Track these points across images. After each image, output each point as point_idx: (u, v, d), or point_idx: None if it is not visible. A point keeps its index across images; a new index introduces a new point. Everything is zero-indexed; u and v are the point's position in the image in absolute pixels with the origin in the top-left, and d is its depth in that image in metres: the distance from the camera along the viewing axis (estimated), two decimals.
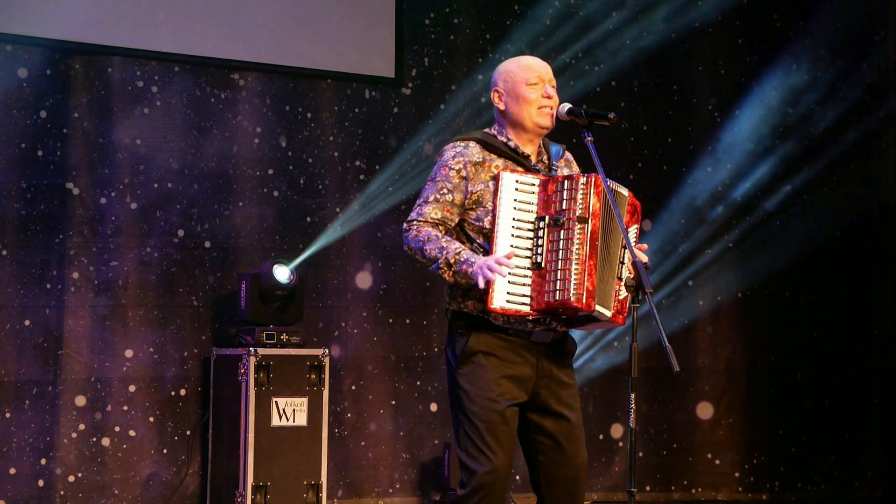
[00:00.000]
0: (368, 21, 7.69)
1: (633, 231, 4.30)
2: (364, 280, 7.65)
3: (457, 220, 4.18)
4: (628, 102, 8.30)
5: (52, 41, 6.82)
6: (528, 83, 4.25)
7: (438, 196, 4.16)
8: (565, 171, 4.29)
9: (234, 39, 7.32)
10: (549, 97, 4.26)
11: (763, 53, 8.56)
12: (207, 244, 7.26)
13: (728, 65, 8.52)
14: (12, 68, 6.80)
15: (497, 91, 4.30)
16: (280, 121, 7.48)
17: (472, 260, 4.03)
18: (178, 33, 7.15)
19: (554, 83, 4.31)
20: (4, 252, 6.76)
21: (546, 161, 4.33)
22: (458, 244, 4.11)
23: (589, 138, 4.23)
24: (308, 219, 7.52)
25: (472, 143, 4.22)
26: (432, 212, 4.16)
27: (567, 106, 4.26)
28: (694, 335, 8.35)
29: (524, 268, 4.06)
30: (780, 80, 8.55)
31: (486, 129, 4.32)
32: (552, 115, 4.26)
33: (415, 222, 4.16)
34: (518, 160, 4.24)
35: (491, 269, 3.98)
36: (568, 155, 4.41)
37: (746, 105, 8.51)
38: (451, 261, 4.06)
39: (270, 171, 7.44)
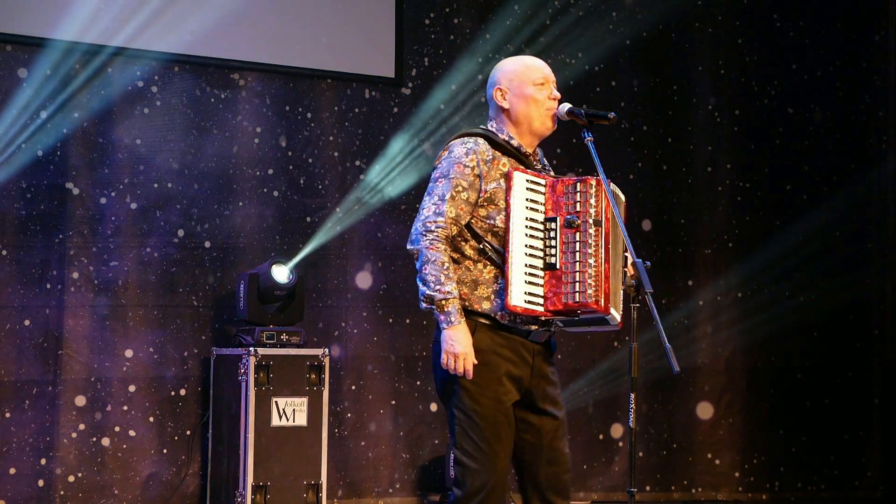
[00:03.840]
0: (368, 21, 7.69)
1: None
2: (364, 280, 7.65)
3: (468, 219, 4.11)
4: (628, 102, 8.30)
5: (52, 41, 6.82)
6: (535, 83, 4.22)
7: (454, 193, 4.08)
8: (552, 173, 4.28)
9: (234, 39, 7.32)
10: (554, 98, 4.25)
11: (763, 53, 8.56)
12: (207, 244, 7.26)
13: (728, 65, 8.52)
14: (12, 68, 6.80)
15: (500, 89, 4.24)
16: (280, 121, 7.48)
17: (455, 322, 4.01)
18: (178, 33, 7.15)
19: (555, 84, 4.30)
20: (4, 252, 6.76)
21: (542, 161, 4.34)
22: (453, 288, 4.03)
23: (589, 138, 4.22)
24: (308, 219, 7.52)
25: (481, 140, 4.16)
26: (449, 210, 4.06)
27: (567, 106, 4.25)
28: (694, 335, 8.35)
29: (538, 268, 4.08)
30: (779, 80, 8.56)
31: (484, 126, 4.27)
32: (555, 116, 4.26)
33: (434, 228, 4.06)
34: (521, 159, 4.22)
35: (458, 361, 4.01)
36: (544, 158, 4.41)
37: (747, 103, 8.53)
38: (439, 302, 4.01)
39: (270, 171, 7.44)
